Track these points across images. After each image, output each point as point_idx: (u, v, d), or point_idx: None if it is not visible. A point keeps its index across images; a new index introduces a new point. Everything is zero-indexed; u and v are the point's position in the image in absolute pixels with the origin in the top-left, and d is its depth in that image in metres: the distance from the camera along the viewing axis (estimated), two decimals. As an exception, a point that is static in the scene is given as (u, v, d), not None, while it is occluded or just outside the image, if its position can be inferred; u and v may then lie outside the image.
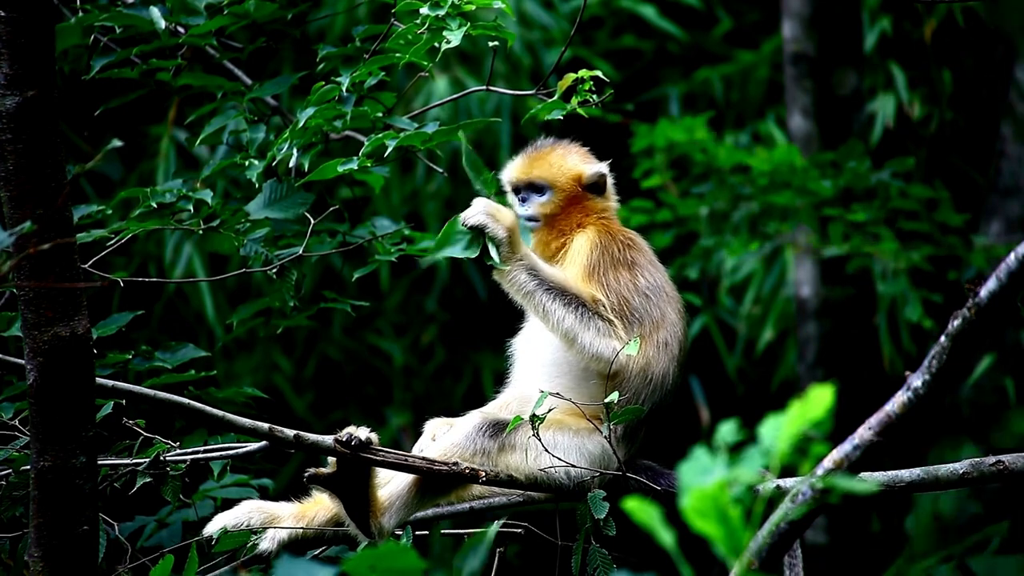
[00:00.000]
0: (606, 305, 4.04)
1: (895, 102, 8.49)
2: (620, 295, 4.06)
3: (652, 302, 4.10)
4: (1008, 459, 3.86)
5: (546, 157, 4.29)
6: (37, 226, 3.25)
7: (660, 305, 4.11)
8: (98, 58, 4.63)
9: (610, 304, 4.04)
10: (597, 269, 4.09)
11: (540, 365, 4.16)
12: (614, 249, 4.13)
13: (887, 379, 7.61)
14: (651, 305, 4.10)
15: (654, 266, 4.18)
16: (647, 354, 4.07)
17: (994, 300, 2.98)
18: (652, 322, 4.09)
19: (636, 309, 4.07)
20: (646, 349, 4.07)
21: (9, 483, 3.98)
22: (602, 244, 4.14)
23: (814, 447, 2.28)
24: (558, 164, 4.28)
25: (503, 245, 4.00)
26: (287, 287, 4.48)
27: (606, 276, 4.08)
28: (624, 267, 4.11)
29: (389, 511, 4.01)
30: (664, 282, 4.17)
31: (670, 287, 4.19)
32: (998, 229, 7.56)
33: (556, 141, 4.34)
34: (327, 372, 9.00)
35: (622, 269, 4.11)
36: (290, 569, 2.25)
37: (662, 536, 2.17)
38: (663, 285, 4.16)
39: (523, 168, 4.30)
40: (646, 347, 4.07)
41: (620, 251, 4.14)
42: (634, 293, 4.08)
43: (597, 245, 4.14)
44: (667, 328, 4.11)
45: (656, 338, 4.09)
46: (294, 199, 4.51)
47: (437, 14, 4.25)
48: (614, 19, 9.14)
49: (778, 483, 3.84)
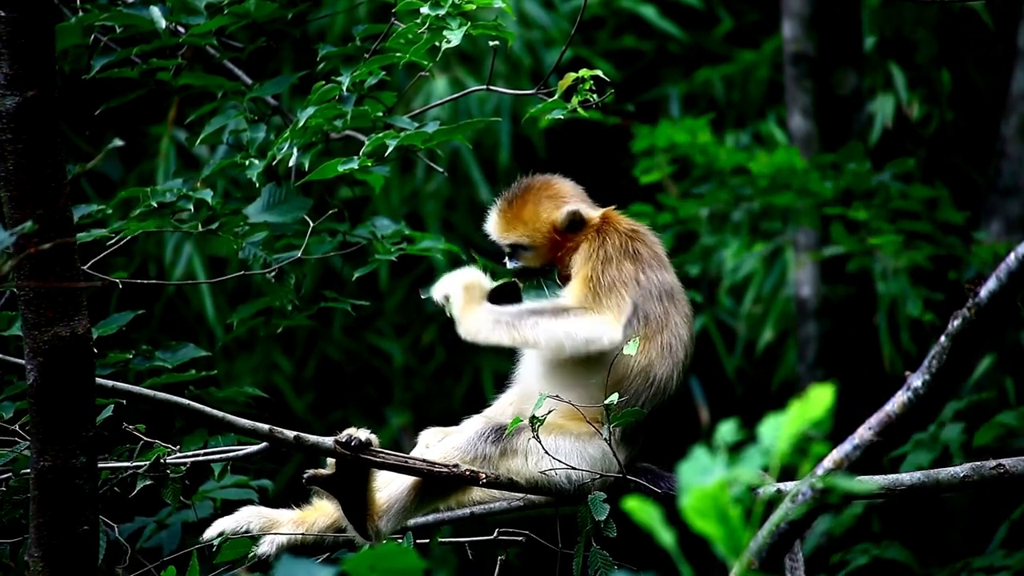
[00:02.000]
0: (598, 296, 4.02)
1: (894, 102, 8.49)
2: (617, 282, 4.04)
3: (655, 300, 4.07)
4: (1008, 463, 3.86)
5: (519, 215, 4.20)
6: (37, 226, 3.25)
7: (665, 305, 4.08)
8: (98, 58, 4.63)
9: (603, 292, 4.02)
10: (596, 266, 4.07)
11: (540, 365, 4.15)
12: (615, 242, 4.10)
13: (887, 379, 7.60)
14: (655, 303, 4.07)
15: (660, 264, 4.13)
16: (650, 355, 4.03)
17: (994, 300, 2.98)
18: (657, 322, 4.05)
19: (634, 299, 4.04)
20: (649, 350, 4.03)
21: (10, 485, 3.98)
22: (599, 242, 4.11)
23: (814, 447, 2.28)
24: (532, 220, 4.19)
25: (456, 302, 4.02)
26: (286, 290, 4.48)
27: (606, 269, 4.06)
28: (627, 259, 4.09)
29: (387, 514, 4.00)
30: (671, 282, 4.12)
31: (678, 289, 4.14)
32: (998, 229, 7.56)
33: (528, 184, 4.25)
34: (327, 372, 8.99)
35: (625, 261, 4.08)
36: (290, 569, 2.25)
37: (662, 536, 2.17)
38: (670, 285, 4.11)
39: (500, 230, 4.23)
40: (649, 348, 4.03)
41: (622, 244, 4.11)
42: (633, 282, 4.06)
43: (595, 246, 4.12)
44: (671, 330, 4.06)
45: (660, 340, 4.05)
46: (293, 203, 4.51)
47: (437, 14, 4.25)
48: (614, 19, 9.14)
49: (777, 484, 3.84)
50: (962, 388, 7.24)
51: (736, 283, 8.39)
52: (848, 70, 7.61)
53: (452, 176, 8.65)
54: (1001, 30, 8.36)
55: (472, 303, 4.04)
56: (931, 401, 3.00)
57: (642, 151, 7.19)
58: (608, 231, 4.14)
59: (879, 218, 6.82)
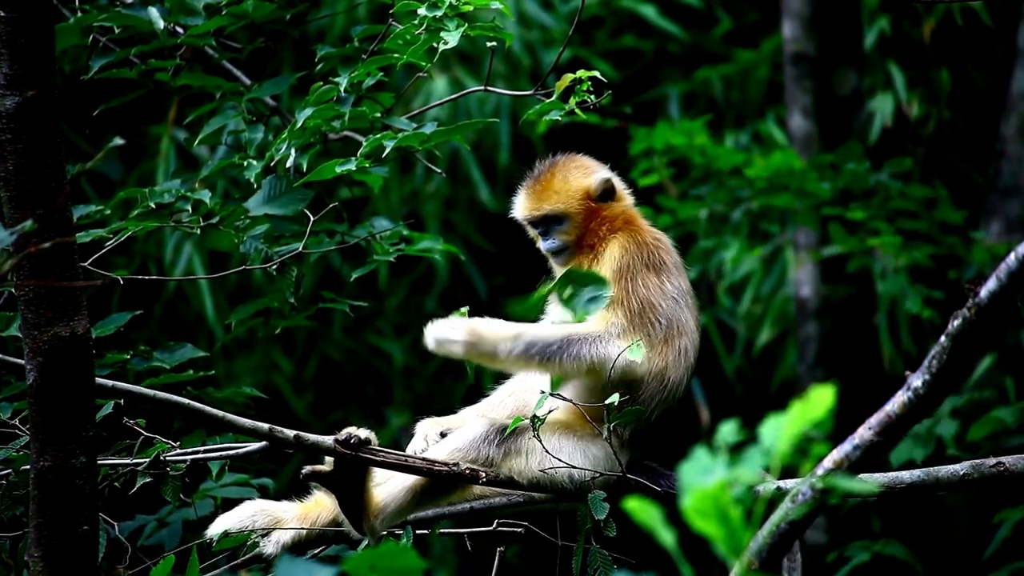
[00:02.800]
0: (630, 318, 3.99)
1: (894, 102, 8.49)
2: (647, 301, 4.02)
3: (679, 306, 4.06)
4: (1008, 460, 3.86)
5: (550, 185, 4.19)
6: (37, 226, 3.25)
7: (683, 311, 4.08)
8: (97, 58, 4.63)
9: (634, 315, 4.00)
10: (625, 275, 4.04)
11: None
12: (644, 253, 4.08)
13: (887, 379, 7.61)
14: (678, 309, 4.06)
15: (679, 270, 4.13)
16: (667, 359, 4.03)
17: (994, 300, 2.98)
18: (677, 327, 4.05)
19: (662, 314, 4.02)
20: (667, 354, 4.02)
21: (9, 483, 3.98)
22: (631, 250, 4.09)
23: (814, 447, 2.28)
24: (564, 189, 4.18)
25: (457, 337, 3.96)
26: (287, 284, 4.48)
27: (634, 281, 4.04)
28: (653, 271, 4.07)
29: (384, 512, 4.00)
30: (688, 288, 4.13)
31: (691, 294, 4.15)
32: (998, 229, 7.56)
33: (552, 161, 4.25)
34: (327, 372, 9.00)
35: (650, 274, 4.07)
36: (290, 569, 2.25)
37: (662, 536, 2.17)
38: (687, 291, 4.12)
39: (532, 203, 4.20)
40: (667, 352, 4.02)
41: (650, 255, 4.08)
42: (661, 298, 4.04)
43: (627, 251, 4.08)
44: (687, 335, 4.07)
45: (678, 344, 4.05)
46: (293, 195, 4.51)
47: (435, 15, 4.25)
48: (614, 19, 9.14)
49: (778, 484, 3.84)
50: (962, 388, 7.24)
51: (735, 283, 8.40)
52: (848, 70, 7.62)
53: (452, 177, 8.65)
54: (1001, 30, 8.36)
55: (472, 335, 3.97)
56: (931, 401, 3.00)
57: (640, 153, 7.19)
58: (635, 238, 4.13)
59: (877, 218, 6.82)
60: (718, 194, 7.07)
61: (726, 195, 7.05)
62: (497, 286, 8.88)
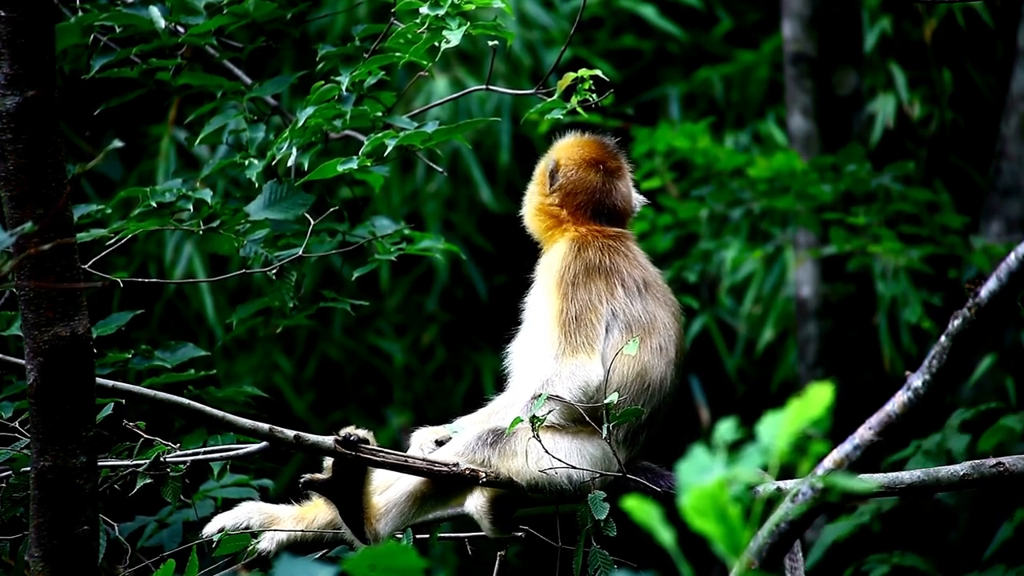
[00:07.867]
0: (569, 336, 4.00)
1: (895, 102, 8.49)
2: (586, 309, 4.00)
3: (637, 305, 4.06)
4: (1009, 461, 3.86)
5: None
6: (37, 226, 3.25)
7: (649, 308, 4.08)
8: (98, 58, 4.63)
9: (572, 331, 4.00)
10: (565, 293, 4.04)
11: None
12: (589, 257, 4.09)
13: (887, 379, 7.60)
14: (637, 309, 4.06)
15: (636, 263, 4.12)
16: (643, 359, 4.02)
17: (994, 300, 2.98)
18: (642, 327, 4.05)
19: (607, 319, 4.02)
20: (641, 354, 4.03)
21: (9, 484, 3.98)
22: (572, 257, 4.11)
23: (814, 446, 2.28)
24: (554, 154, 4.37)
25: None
26: (287, 288, 4.48)
27: (574, 294, 4.02)
28: (601, 276, 4.07)
29: (385, 517, 3.99)
30: (650, 279, 4.11)
31: (662, 288, 4.14)
32: (998, 229, 7.55)
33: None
34: (327, 372, 8.99)
35: (598, 279, 4.07)
36: (290, 569, 2.25)
37: (662, 535, 2.17)
38: (648, 282, 4.10)
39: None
40: (641, 352, 4.04)
41: (598, 260, 4.09)
42: (605, 300, 4.04)
43: (566, 261, 4.10)
44: (660, 332, 4.06)
45: (650, 343, 4.05)
46: (294, 200, 4.51)
47: (437, 14, 4.25)
48: (614, 19, 9.14)
49: (778, 484, 3.84)
50: (962, 388, 7.24)
51: (736, 283, 8.39)
52: (848, 70, 7.61)
53: (452, 176, 8.65)
54: (1001, 30, 8.36)
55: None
56: (931, 401, 3.00)
57: (641, 154, 7.19)
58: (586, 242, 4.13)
59: (879, 223, 6.82)
60: (719, 195, 7.07)
61: (727, 196, 7.05)
62: (497, 286, 8.88)
